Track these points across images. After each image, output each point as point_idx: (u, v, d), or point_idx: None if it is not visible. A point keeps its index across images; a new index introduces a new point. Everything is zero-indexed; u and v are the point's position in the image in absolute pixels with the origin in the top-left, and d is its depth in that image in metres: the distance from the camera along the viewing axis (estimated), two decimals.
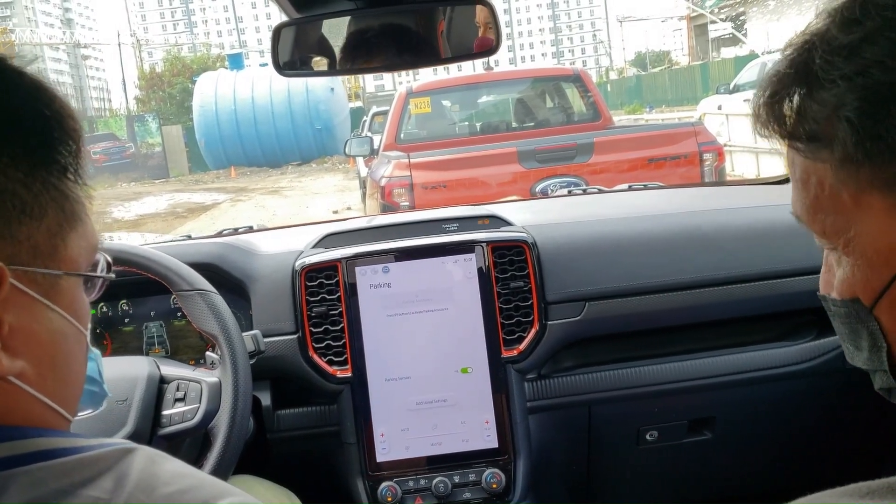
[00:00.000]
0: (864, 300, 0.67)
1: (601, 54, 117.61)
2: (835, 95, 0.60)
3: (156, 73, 39.99)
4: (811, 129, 0.63)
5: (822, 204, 0.66)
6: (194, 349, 1.63)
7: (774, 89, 0.66)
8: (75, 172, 0.61)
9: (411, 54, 1.38)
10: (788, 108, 0.65)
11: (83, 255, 0.64)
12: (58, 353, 0.62)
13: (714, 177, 5.09)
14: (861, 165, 0.60)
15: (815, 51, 0.62)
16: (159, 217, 15.40)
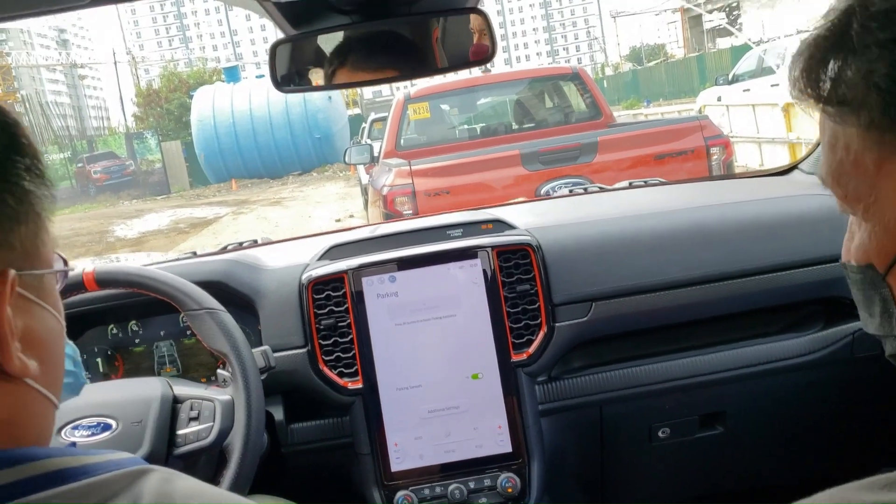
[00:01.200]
0: (877, 266, 0.68)
1: (596, 51, 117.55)
2: (867, 61, 0.61)
3: (153, 90, 40.03)
4: (843, 94, 0.63)
5: (845, 168, 0.67)
6: (206, 367, 1.64)
7: (811, 53, 0.66)
8: (41, 173, 0.64)
9: (408, 65, 1.39)
10: (824, 74, 0.65)
11: (51, 253, 0.66)
12: (54, 350, 0.64)
13: (722, 171, 5.05)
14: (885, 132, 0.61)
15: (854, 16, 0.63)
16: (162, 233, 15.44)
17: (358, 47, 1.36)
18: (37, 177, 0.63)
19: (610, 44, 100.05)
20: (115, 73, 53.35)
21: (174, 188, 29.17)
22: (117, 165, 31.12)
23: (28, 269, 0.61)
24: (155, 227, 16.82)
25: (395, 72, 1.43)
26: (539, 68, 15.43)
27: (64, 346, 0.68)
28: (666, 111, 19.37)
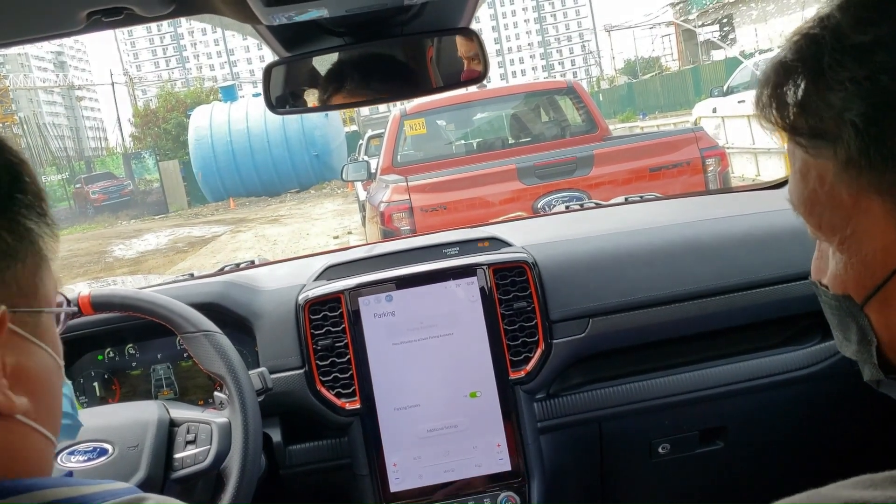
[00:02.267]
0: (855, 297, 0.67)
1: (591, 64, 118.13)
2: (842, 98, 0.60)
3: (150, 110, 40.18)
4: (815, 126, 0.63)
5: (819, 199, 0.66)
6: (203, 389, 1.63)
7: (778, 81, 0.65)
8: (44, 214, 0.64)
9: (402, 86, 1.40)
10: (792, 101, 0.64)
11: (52, 292, 0.67)
12: (48, 388, 0.65)
13: (719, 182, 5.06)
14: (863, 170, 0.60)
15: (824, 46, 0.61)
16: (160, 253, 15.44)
17: (352, 68, 1.37)
18: (39, 216, 0.63)
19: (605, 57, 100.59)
20: (113, 94, 53.59)
21: (172, 208, 29.22)
22: (115, 186, 31.19)
23: (23, 307, 0.61)
24: (153, 247, 16.83)
25: (390, 92, 1.44)
26: (534, 82, 15.48)
27: (61, 384, 0.67)
28: (662, 124, 19.45)
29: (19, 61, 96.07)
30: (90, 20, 0.99)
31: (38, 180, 0.65)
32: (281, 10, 1.00)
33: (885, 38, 0.59)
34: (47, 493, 0.58)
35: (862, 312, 0.67)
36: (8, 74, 78.18)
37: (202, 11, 1.08)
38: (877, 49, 0.59)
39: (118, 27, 1.05)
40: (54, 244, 0.66)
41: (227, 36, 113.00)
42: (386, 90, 1.39)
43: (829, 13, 0.63)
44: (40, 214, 0.64)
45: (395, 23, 1.28)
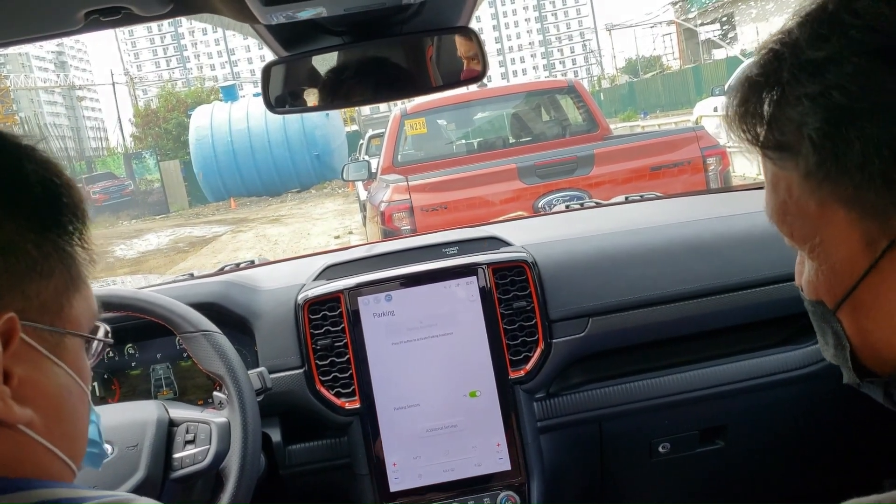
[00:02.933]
0: (827, 303, 0.70)
1: (592, 63, 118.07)
2: (800, 113, 0.61)
3: (151, 110, 40.20)
4: (779, 139, 0.64)
5: (789, 209, 0.68)
6: (202, 389, 1.63)
7: (745, 96, 0.67)
8: (81, 238, 0.65)
9: (402, 84, 1.40)
10: (759, 115, 0.66)
11: (85, 317, 0.67)
12: (63, 407, 0.64)
13: (720, 182, 5.05)
14: (823, 182, 0.62)
15: (784, 62, 0.63)
16: (161, 253, 15.45)
17: (352, 68, 1.36)
18: (75, 238, 0.64)
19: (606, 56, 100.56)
20: (113, 94, 53.65)
21: (173, 207, 29.23)
22: (116, 186, 31.21)
23: (44, 324, 0.61)
24: (154, 247, 16.84)
25: (390, 92, 1.44)
26: (535, 82, 15.49)
27: (83, 409, 0.68)
28: (663, 123, 19.44)
29: (20, 61, 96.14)
30: (88, 20, 0.99)
31: (81, 203, 0.66)
32: (279, 9, 1.00)
33: (836, 55, 0.60)
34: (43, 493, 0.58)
35: (835, 317, 0.70)
36: (9, 74, 78.25)
37: (200, 11, 1.08)
38: (829, 65, 0.60)
39: (117, 27, 1.05)
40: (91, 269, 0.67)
41: (227, 35, 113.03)
42: (385, 89, 1.38)
43: (790, 28, 0.65)
44: (77, 237, 0.65)
45: (394, 22, 1.28)
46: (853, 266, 0.64)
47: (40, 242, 0.61)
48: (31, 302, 0.60)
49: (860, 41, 0.59)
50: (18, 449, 0.60)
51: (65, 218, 0.64)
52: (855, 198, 0.61)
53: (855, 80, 0.59)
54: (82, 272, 0.66)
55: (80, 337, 0.66)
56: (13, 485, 0.58)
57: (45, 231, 0.61)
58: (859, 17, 0.60)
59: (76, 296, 0.65)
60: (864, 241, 0.63)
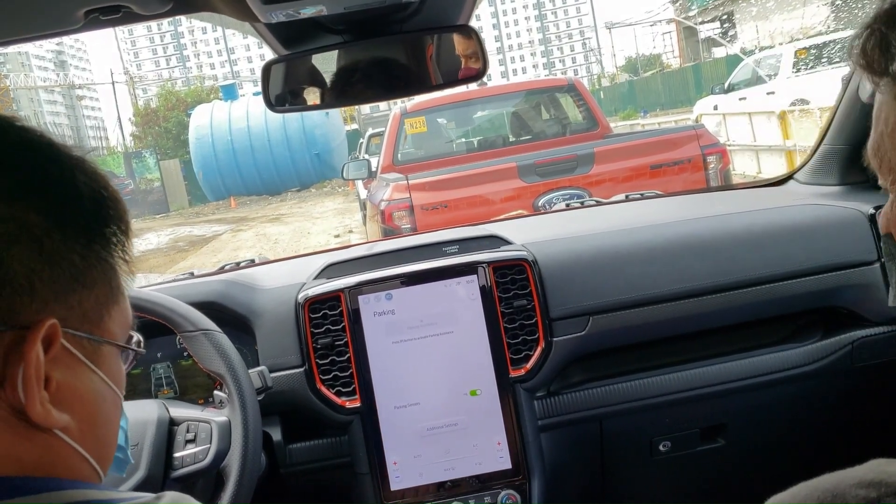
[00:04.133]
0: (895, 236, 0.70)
1: (592, 62, 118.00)
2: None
3: (151, 109, 40.21)
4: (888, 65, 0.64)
5: (884, 140, 0.68)
6: (203, 388, 1.63)
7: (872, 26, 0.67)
8: (123, 250, 0.66)
9: (403, 83, 1.39)
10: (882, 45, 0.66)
11: (121, 327, 0.68)
12: (98, 413, 0.65)
13: (720, 180, 5.04)
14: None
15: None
16: (161, 252, 15.45)
17: (352, 66, 1.36)
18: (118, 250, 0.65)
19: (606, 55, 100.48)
20: (113, 93, 53.64)
21: (173, 207, 29.22)
22: (116, 185, 31.16)
23: (83, 332, 0.62)
24: (154, 246, 16.84)
25: (390, 90, 1.43)
26: (535, 80, 15.50)
27: (116, 416, 0.69)
28: (663, 121, 19.42)
29: (20, 60, 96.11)
30: (88, 18, 0.99)
31: (125, 216, 0.66)
32: (279, 8, 0.99)
33: None
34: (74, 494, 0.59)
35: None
36: (8, 74, 78.20)
37: (200, 9, 1.08)
38: None
39: (116, 25, 1.05)
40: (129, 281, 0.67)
41: (227, 34, 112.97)
42: (385, 88, 1.38)
43: None
44: (120, 250, 0.65)
45: (394, 20, 1.27)
46: None
47: (85, 254, 0.62)
48: (74, 311, 0.61)
49: None
50: (53, 453, 0.61)
51: (109, 230, 0.64)
52: None
53: None
54: (122, 284, 0.67)
55: (116, 346, 0.67)
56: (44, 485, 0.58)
57: (90, 242, 0.62)
58: None
59: (115, 307, 0.66)
60: None
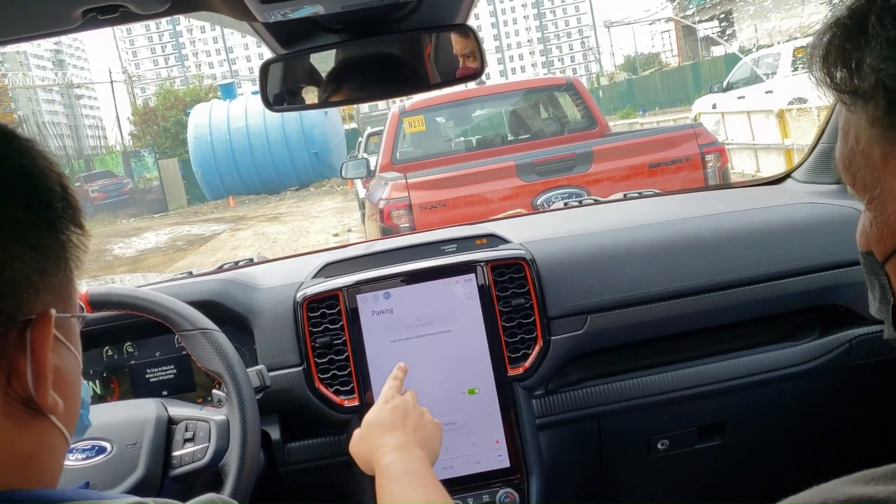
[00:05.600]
0: (876, 254, 0.69)
1: (591, 60, 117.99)
2: (879, 58, 0.61)
3: (149, 108, 40.17)
4: (855, 84, 0.64)
5: (855, 157, 0.67)
6: (202, 387, 1.63)
7: (831, 38, 0.66)
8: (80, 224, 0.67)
9: (401, 82, 1.40)
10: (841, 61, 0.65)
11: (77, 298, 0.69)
12: (75, 390, 0.67)
13: (718, 178, 5.05)
14: (888, 128, 0.62)
15: (874, 6, 0.62)
16: (160, 251, 15.44)
17: (350, 65, 1.36)
18: (77, 228, 0.66)
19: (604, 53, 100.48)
20: (112, 92, 53.62)
21: (172, 206, 29.21)
22: (115, 184, 31.20)
23: (62, 313, 0.63)
24: (153, 246, 16.84)
25: (388, 89, 1.44)
26: (534, 79, 15.52)
27: (80, 385, 0.70)
28: (661, 120, 19.43)
29: (18, 60, 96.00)
30: (86, 18, 0.98)
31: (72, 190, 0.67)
32: (276, 7, 0.99)
33: None
34: None
35: (882, 270, 0.69)
36: (7, 73, 78.14)
37: (198, 9, 1.08)
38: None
39: (114, 25, 1.05)
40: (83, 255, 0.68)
41: (225, 34, 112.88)
42: (383, 87, 1.38)
43: None
44: (78, 227, 0.66)
45: (392, 19, 1.27)
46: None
47: (57, 237, 0.63)
48: (56, 295, 0.63)
49: None
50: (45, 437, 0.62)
51: (69, 209, 0.65)
52: None
53: None
54: (81, 257, 0.67)
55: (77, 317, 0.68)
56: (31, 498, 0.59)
57: (54, 222, 0.63)
58: None
59: (76, 281, 0.67)
60: None
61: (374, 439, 1.15)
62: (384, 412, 1.20)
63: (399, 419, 1.18)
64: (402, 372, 1.32)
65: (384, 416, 1.19)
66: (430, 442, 1.18)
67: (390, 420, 1.18)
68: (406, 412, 1.19)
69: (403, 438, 1.14)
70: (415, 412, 1.21)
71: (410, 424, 1.18)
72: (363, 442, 1.17)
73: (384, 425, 1.17)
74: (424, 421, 1.21)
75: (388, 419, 1.18)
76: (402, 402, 1.22)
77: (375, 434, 1.16)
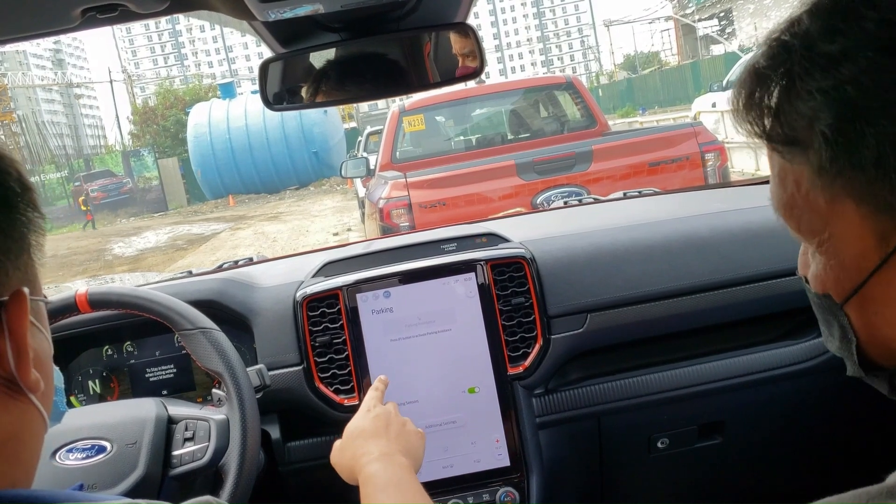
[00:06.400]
0: (835, 297, 0.69)
1: (590, 59, 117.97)
2: (812, 108, 0.60)
3: (149, 108, 40.18)
4: (788, 133, 0.63)
5: (797, 203, 0.67)
6: (201, 386, 1.63)
7: (752, 88, 0.66)
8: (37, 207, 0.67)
9: (400, 81, 1.39)
10: (766, 108, 0.65)
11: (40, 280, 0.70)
12: (49, 371, 0.68)
13: (718, 177, 5.04)
14: (835, 177, 0.61)
15: (794, 53, 0.62)
16: (160, 251, 15.44)
17: (349, 64, 1.36)
18: (35, 210, 0.66)
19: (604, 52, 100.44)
20: (111, 92, 53.60)
21: (171, 205, 29.22)
22: (114, 184, 31.18)
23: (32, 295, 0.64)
24: (153, 245, 16.83)
25: (388, 88, 1.44)
26: (533, 78, 15.52)
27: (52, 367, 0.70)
28: (661, 119, 19.43)
29: (17, 59, 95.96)
30: (85, 17, 0.98)
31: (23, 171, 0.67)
32: (276, 6, 0.99)
33: (851, 48, 0.59)
34: None
35: (842, 311, 0.70)
36: (6, 73, 78.08)
37: (197, 8, 1.08)
38: (843, 60, 0.59)
39: (113, 24, 1.05)
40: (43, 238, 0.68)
41: (225, 33, 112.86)
42: (383, 86, 1.38)
43: (799, 18, 0.64)
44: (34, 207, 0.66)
45: (392, 18, 1.27)
46: (863, 261, 0.64)
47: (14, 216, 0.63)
48: (24, 275, 0.63)
49: (876, 35, 0.58)
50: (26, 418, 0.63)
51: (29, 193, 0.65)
52: (868, 193, 0.60)
53: (870, 76, 0.58)
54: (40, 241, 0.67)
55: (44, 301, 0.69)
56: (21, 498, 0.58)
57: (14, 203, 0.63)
58: (877, 10, 0.59)
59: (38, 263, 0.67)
60: (877, 236, 0.62)
61: (357, 447, 1.14)
62: (366, 420, 1.19)
63: (382, 427, 1.17)
64: (383, 384, 1.31)
65: (366, 424, 1.18)
66: (414, 450, 1.17)
67: (373, 428, 1.16)
68: (388, 420, 1.19)
69: (387, 446, 1.12)
70: (397, 420, 1.20)
71: (393, 432, 1.16)
72: (345, 451, 1.16)
73: (367, 433, 1.16)
74: (407, 430, 1.20)
75: (370, 427, 1.17)
76: (383, 411, 1.21)
77: (358, 442, 1.15)
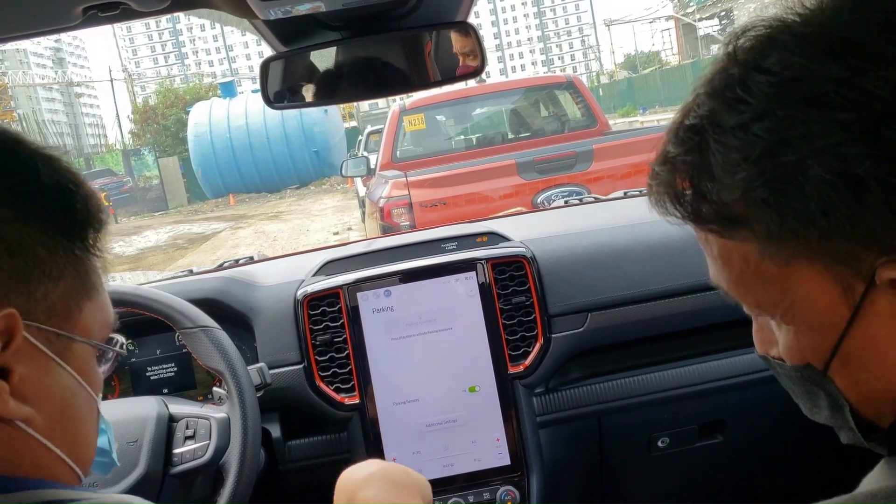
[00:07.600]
0: (815, 364, 0.66)
1: (591, 59, 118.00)
2: (742, 179, 0.59)
3: (149, 106, 40.21)
4: (723, 212, 0.62)
5: (749, 278, 0.65)
6: (202, 385, 1.63)
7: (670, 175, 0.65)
8: (95, 247, 0.66)
9: (401, 80, 1.39)
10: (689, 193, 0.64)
11: (97, 326, 0.67)
12: (68, 409, 0.65)
13: None
14: (785, 241, 0.60)
15: (707, 134, 0.61)
16: (160, 250, 15.44)
17: (350, 63, 1.36)
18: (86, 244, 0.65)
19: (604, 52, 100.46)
20: (112, 91, 53.63)
21: (172, 204, 29.21)
22: (115, 182, 31.17)
23: (49, 326, 0.62)
24: (153, 244, 16.83)
25: (389, 87, 1.44)
26: (534, 77, 15.51)
27: (90, 415, 0.68)
28: (662, 118, 19.41)
29: (18, 58, 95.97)
30: (86, 15, 0.98)
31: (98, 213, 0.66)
32: (276, 5, 0.99)
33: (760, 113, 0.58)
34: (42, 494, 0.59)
35: (826, 378, 0.66)
36: (6, 71, 78.14)
37: (198, 6, 1.08)
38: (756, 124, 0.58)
39: (114, 22, 1.05)
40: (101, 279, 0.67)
41: (226, 32, 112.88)
42: (384, 85, 1.38)
43: (697, 101, 0.63)
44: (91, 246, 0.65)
45: (393, 17, 1.27)
46: (834, 318, 0.62)
47: (51, 246, 0.62)
48: (38, 303, 0.61)
49: (782, 94, 0.58)
50: (17, 446, 0.61)
51: (78, 225, 0.64)
52: (819, 248, 0.59)
53: (791, 131, 0.57)
54: (96, 281, 0.66)
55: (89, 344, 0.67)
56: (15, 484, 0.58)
57: (56, 235, 0.62)
58: (772, 74, 0.58)
59: (87, 303, 0.66)
60: (840, 288, 0.60)
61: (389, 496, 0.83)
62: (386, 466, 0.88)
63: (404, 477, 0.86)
64: None
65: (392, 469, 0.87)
66: None
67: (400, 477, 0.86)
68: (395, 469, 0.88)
69: None
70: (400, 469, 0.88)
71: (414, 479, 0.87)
72: None
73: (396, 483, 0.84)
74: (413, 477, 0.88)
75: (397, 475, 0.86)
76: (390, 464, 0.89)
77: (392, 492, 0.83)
